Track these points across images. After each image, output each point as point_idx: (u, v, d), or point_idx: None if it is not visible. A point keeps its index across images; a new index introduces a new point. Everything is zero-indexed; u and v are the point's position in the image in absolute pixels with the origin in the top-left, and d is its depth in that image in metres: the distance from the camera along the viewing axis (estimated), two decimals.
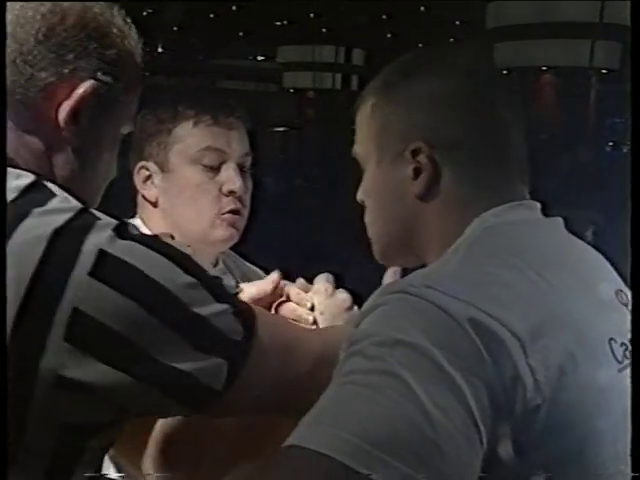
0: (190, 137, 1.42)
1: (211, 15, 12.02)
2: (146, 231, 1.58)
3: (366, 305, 0.81)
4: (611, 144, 11.90)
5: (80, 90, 0.82)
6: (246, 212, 1.46)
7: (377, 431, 0.69)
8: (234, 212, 1.43)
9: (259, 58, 15.55)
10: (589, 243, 0.92)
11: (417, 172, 0.88)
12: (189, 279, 0.76)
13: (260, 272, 1.59)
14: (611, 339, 0.82)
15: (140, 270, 0.75)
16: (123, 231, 0.76)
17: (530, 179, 0.93)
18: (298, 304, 1.10)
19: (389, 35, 12.44)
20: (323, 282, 1.10)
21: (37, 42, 0.81)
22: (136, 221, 1.48)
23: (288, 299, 1.12)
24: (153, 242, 0.77)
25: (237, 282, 1.56)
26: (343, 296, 1.07)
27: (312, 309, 1.10)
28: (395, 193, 0.91)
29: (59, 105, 0.82)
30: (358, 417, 0.70)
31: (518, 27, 8.67)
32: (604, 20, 8.47)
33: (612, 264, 0.91)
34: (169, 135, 1.41)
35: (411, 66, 0.93)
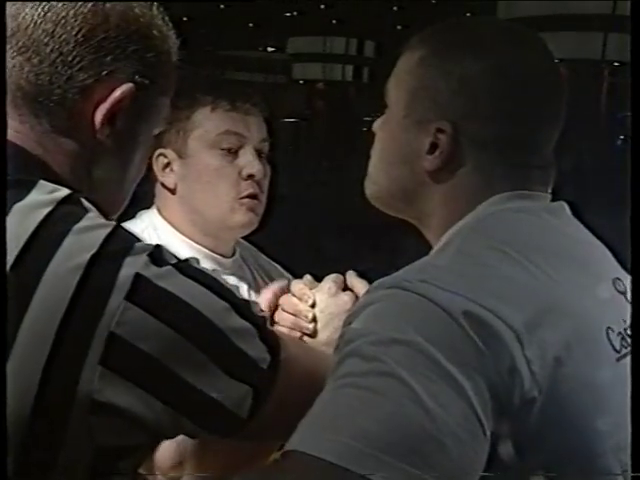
0: (209, 122, 1.42)
1: (221, 5, 11.99)
2: (161, 220, 1.58)
3: (360, 302, 0.80)
4: (622, 137, 11.81)
5: (118, 93, 0.82)
6: (264, 198, 1.46)
7: (379, 433, 0.68)
8: (253, 197, 1.43)
9: (269, 49, 15.49)
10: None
11: (433, 148, 0.87)
12: (223, 304, 0.77)
13: (275, 264, 1.59)
14: (608, 328, 0.81)
15: (176, 296, 0.75)
16: (157, 257, 0.76)
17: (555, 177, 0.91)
18: (300, 299, 1.10)
19: (400, 27, 12.37)
20: (328, 281, 1.10)
21: (77, 43, 0.80)
22: (152, 210, 1.48)
23: (291, 293, 1.12)
24: (186, 267, 0.78)
25: (252, 274, 1.56)
26: (345, 298, 1.07)
27: (313, 306, 1.10)
28: (408, 155, 0.89)
29: (96, 107, 0.82)
30: (358, 420, 0.70)
31: (529, 19, 8.60)
32: (617, 12, 8.40)
33: (612, 252, 0.91)
34: (187, 121, 1.42)
35: (462, 41, 0.89)
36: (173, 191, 1.43)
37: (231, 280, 1.38)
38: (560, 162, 0.93)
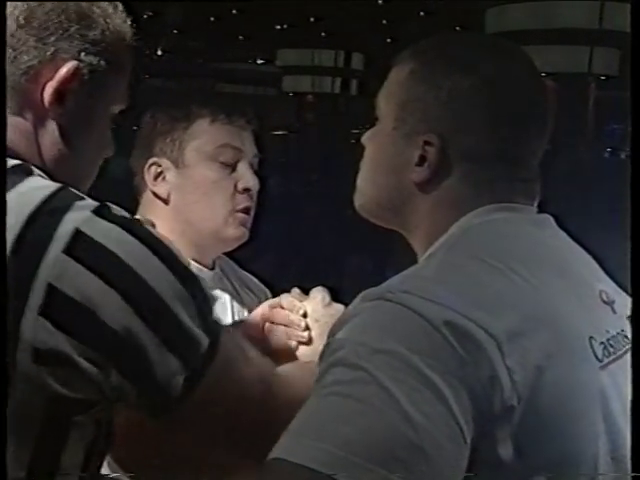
0: (207, 134, 1.44)
1: (211, 18, 12.02)
2: None
3: (345, 313, 0.82)
4: (609, 150, 11.90)
5: (63, 71, 0.85)
6: (254, 212, 1.48)
7: (362, 441, 0.69)
8: (246, 210, 1.45)
9: (258, 62, 15.53)
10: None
11: (422, 160, 0.88)
12: (163, 268, 0.78)
13: (254, 279, 1.60)
14: (591, 337, 0.83)
15: (115, 254, 0.76)
16: (104, 213, 0.77)
17: (541, 188, 0.92)
18: (290, 311, 1.11)
19: (389, 40, 12.43)
20: (320, 292, 1.11)
21: (18, 26, 0.84)
22: None
23: (281, 307, 1.13)
24: (132, 226, 0.78)
25: (233, 286, 1.56)
26: (338, 307, 1.08)
27: (304, 316, 1.11)
28: (396, 167, 0.91)
29: (43, 87, 0.85)
30: (342, 428, 0.71)
31: (517, 33, 8.66)
32: (603, 26, 8.48)
33: (599, 263, 0.92)
34: (185, 132, 1.43)
35: (452, 56, 0.91)
36: (166, 201, 1.44)
37: (214, 292, 1.38)
38: (547, 174, 0.94)
